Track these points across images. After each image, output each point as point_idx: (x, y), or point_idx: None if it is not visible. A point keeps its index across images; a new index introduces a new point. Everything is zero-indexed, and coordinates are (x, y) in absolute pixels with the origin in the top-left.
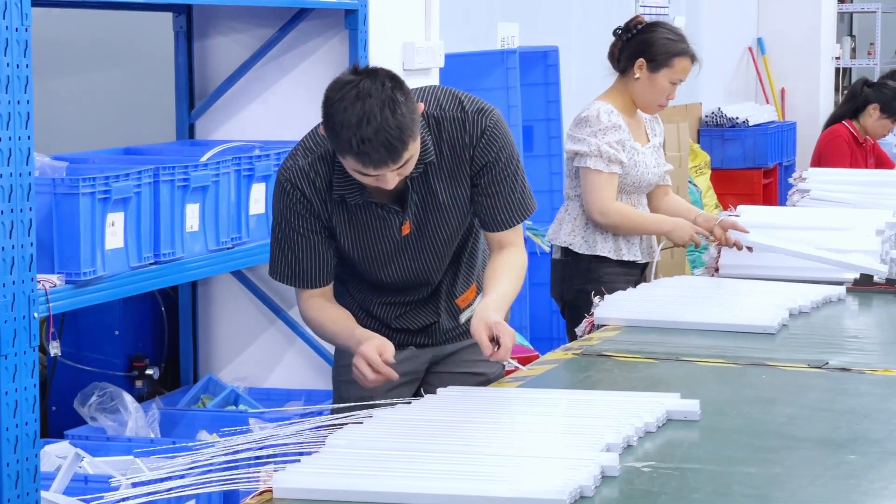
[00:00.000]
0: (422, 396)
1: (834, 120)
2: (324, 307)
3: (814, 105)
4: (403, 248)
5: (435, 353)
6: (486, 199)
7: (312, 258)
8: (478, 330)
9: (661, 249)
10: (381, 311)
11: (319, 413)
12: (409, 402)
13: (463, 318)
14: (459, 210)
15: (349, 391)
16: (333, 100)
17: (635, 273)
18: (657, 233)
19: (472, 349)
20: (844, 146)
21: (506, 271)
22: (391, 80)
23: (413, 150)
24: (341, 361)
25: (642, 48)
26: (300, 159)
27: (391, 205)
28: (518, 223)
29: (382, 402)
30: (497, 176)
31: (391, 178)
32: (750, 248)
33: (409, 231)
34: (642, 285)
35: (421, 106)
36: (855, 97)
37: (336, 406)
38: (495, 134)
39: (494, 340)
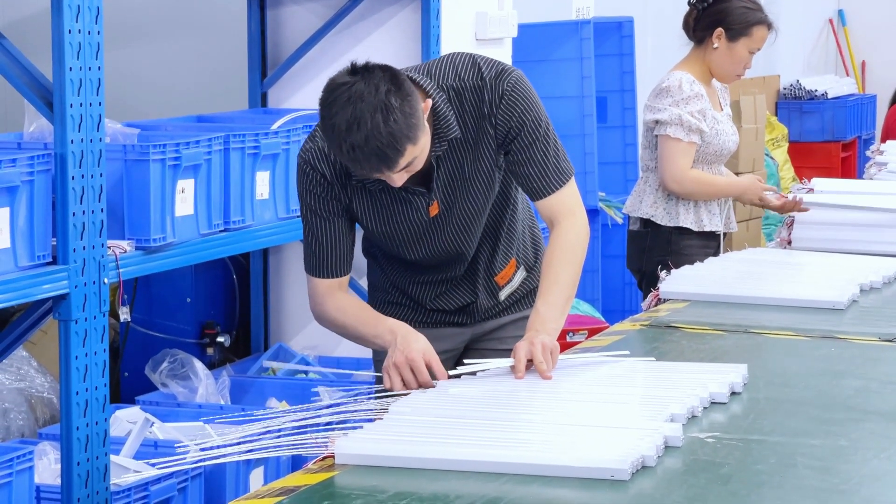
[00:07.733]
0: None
1: None
2: (343, 306)
3: (895, 78)
4: (432, 226)
5: (474, 331)
6: (520, 168)
7: (334, 244)
8: (518, 348)
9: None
10: (417, 290)
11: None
12: (475, 374)
13: (503, 294)
14: (485, 182)
15: None
16: (327, 101)
17: (713, 245)
18: (730, 194)
19: (515, 325)
20: None
21: (559, 261)
22: (388, 83)
23: (414, 152)
24: None
25: (719, 18)
26: (319, 140)
27: (415, 187)
28: (556, 190)
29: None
30: (525, 140)
31: (397, 178)
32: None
33: (438, 211)
34: (710, 259)
35: (428, 103)
36: None
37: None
38: (514, 96)
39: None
